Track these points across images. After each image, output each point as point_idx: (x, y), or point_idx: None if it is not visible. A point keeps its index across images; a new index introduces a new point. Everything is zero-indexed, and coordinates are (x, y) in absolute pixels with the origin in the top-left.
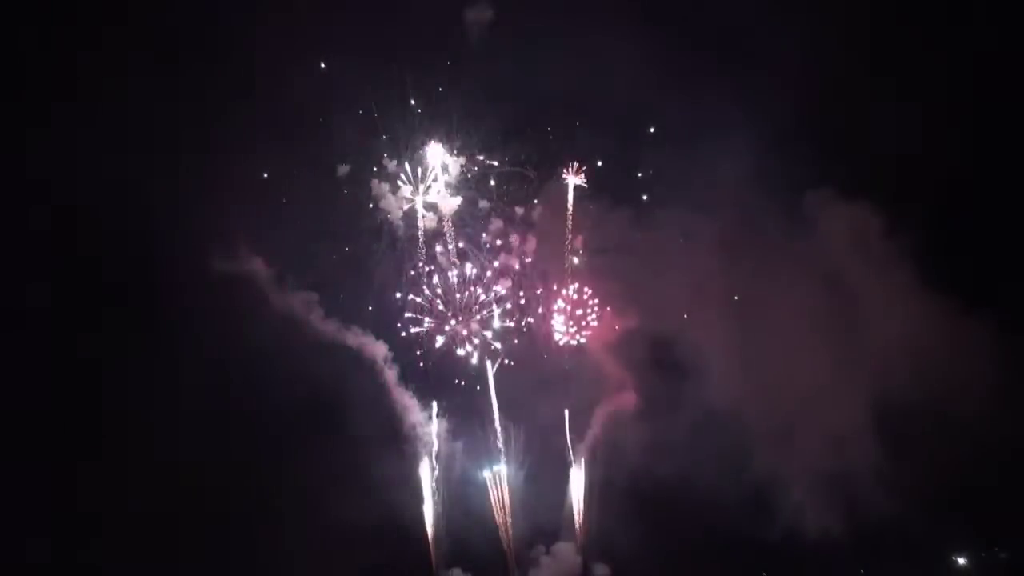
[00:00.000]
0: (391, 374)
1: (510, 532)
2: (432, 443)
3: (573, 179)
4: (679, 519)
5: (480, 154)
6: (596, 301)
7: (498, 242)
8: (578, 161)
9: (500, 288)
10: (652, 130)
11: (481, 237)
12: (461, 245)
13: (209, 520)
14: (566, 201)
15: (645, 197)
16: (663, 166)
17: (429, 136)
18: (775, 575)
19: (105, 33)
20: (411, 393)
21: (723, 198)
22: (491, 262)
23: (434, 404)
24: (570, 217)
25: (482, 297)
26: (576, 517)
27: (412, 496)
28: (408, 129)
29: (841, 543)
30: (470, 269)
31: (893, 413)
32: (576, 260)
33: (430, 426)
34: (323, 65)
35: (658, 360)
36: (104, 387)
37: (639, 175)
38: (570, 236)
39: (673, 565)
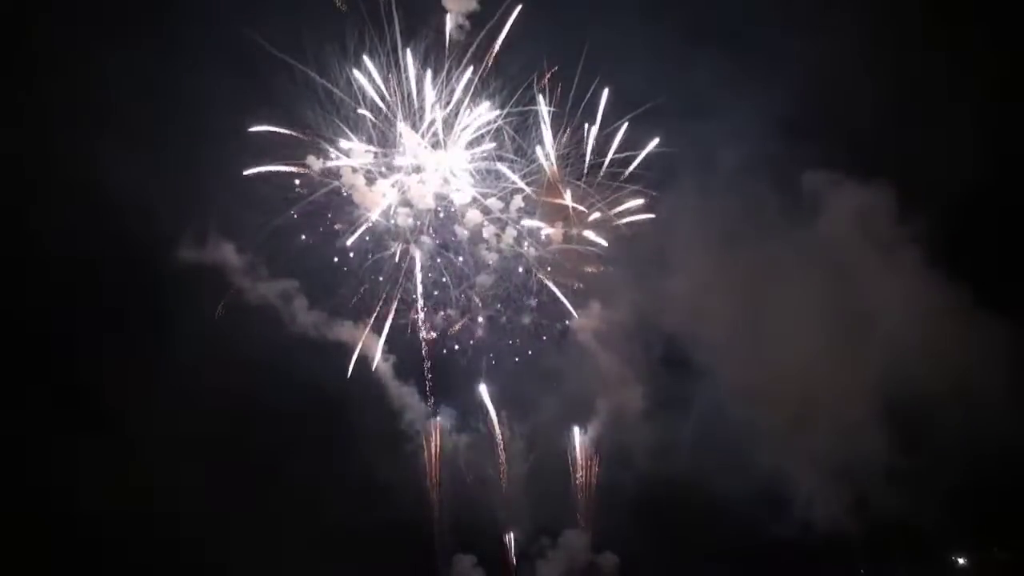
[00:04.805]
0: (386, 367)
1: (515, 524)
2: (432, 438)
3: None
4: (687, 513)
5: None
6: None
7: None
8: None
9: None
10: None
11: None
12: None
13: (207, 521)
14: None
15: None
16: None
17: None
18: (783, 569)
19: None
20: (410, 389)
21: (727, 184)
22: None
23: (433, 398)
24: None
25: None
26: (583, 509)
27: (413, 492)
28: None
29: (849, 540)
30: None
31: (903, 409)
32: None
33: (430, 422)
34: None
35: (661, 352)
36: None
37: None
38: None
39: (680, 556)
